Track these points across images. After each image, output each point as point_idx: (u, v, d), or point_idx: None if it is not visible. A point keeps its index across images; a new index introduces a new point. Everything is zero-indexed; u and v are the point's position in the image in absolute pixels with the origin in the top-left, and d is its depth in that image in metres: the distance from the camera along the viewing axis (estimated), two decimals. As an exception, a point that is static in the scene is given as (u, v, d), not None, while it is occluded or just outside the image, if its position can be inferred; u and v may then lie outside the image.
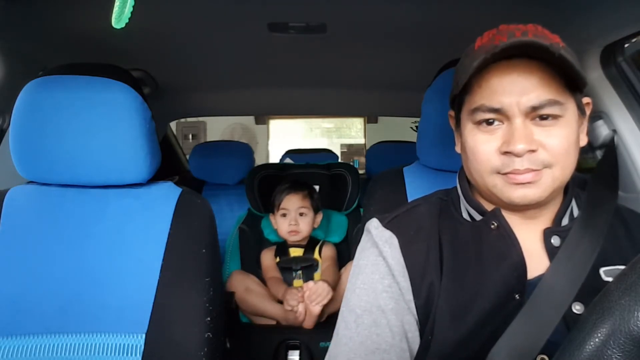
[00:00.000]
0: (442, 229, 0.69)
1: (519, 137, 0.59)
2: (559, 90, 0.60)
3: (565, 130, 0.61)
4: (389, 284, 0.65)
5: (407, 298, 0.64)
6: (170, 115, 2.17)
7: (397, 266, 0.66)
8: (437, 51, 1.11)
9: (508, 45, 0.57)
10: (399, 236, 0.68)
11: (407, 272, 0.65)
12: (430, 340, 0.63)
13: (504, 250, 0.64)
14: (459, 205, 0.72)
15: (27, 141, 0.86)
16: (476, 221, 0.69)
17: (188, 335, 0.81)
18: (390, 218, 0.72)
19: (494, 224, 0.66)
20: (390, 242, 0.68)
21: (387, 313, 0.64)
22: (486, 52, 0.58)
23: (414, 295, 0.64)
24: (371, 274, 0.67)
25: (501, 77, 0.61)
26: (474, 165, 0.65)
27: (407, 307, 0.64)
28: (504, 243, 0.64)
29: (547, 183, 0.61)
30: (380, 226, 0.70)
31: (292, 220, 1.55)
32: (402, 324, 0.63)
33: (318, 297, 1.34)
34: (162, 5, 1.02)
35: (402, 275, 0.65)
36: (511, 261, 0.63)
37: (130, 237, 0.87)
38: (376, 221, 0.72)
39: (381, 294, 0.65)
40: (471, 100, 0.64)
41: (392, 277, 0.65)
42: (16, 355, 0.78)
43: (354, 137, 5.36)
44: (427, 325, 0.63)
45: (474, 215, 0.69)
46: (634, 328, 0.37)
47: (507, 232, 0.65)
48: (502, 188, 0.62)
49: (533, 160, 0.60)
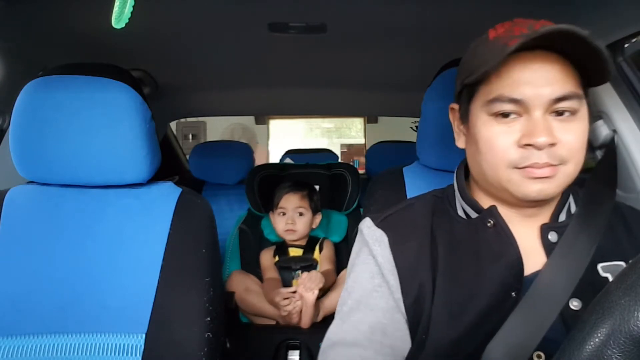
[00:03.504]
0: (436, 227, 0.69)
1: (541, 129, 0.58)
2: (578, 84, 0.60)
3: (581, 126, 0.60)
4: (378, 283, 0.66)
5: (396, 297, 0.65)
6: (170, 115, 2.16)
7: (387, 264, 0.66)
8: (437, 51, 1.11)
9: (550, 31, 0.55)
10: (390, 235, 0.68)
11: (396, 271, 0.66)
12: (424, 339, 0.62)
13: (500, 248, 0.64)
14: (455, 202, 0.72)
15: (27, 141, 0.86)
16: (472, 219, 0.69)
17: (188, 335, 0.81)
18: (382, 217, 0.72)
19: (490, 221, 0.66)
20: (381, 241, 0.68)
21: (375, 311, 0.64)
22: (524, 37, 0.55)
23: (403, 294, 0.64)
24: (361, 272, 0.68)
25: (524, 67, 0.59)
26: (488, 159, 0.62)
27: (396, 305, 0.64)
28: (500, 241, 0.64)
29: (562, 179, 0.60)
30: (372, 225, 0.71)
31: (289, 219, 1.56)
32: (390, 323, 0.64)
33: (311, 283, 1.36)
34: (162, 5, 1.02)
35: (391, 273, 0.65)
36: (508, 259, 0.63)
37: (130, 237, 0.87)
38: (369, 220, 0.72)
39: (371, 293, 0.65)
40: (488, 90, 0.62)
41: (382, 275, 0.66)
42: (16, 355, 0.78)
43: (354, 137, 5.35)
44: (420, 325, 0.63)
45: (469, 213, 0.69)
46: (634, 328, 0.37)
47: (503, 230, 0.65)
48: (518, 182, 0.61)
49: (552, 154, 0.59)
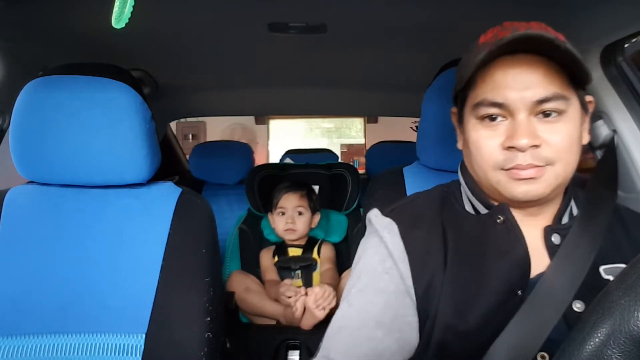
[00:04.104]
0: (445, 220, 0.69)
1: (522, 132, 0.59)
2: (563, 86, 0.61)
3: (569, 127, 0.61)
4: (389, 266, 0.66)
5: (407, 283, 0.65)
6: (170, 115, 2.16)
7: (397, 252, 0.66)
8: (437, 51, 1.11)
9: (514, 38, 0.57)
10: (399, 223, 0.69)
11: (407, 258, 0.66)
12: (432, 331, 0.63)
13: (508, 245, 0.64)
14: (461, 197, 0.73)
15: (27, 141, 0.86)
16: (481, 215, 0.69)
17: (188, 335, 0.81)
18: (390, 208, 0.72)
19: (500, 217, 0.66)
20: (390, 228, 0.68)
21: (385, 293, 0.64)
22: (491, 45, 0.59)
23: (414, 281, 0.65)
24: (372, 256, 0.68)
25: (505, 71, 0.61)
26: (477, 161, 0.65)
27: (407, 291, 0.64)
28: (509, 237, 0.65)
29: (550, 180, 0.61)
30: (379, 214, 0.71)
31: (289, 218, 1.56)
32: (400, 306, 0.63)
33: (324, 301, 1.31)
34: (162, 5, 1.02)
35: (402, 260, 0.66)
36: (515, 256, 0.63)
37: (130, 237, 0.87)
38: (376, 210, 0.73)
39: (381, 275, 0.65)
40: (474, 95, 0.64)
41: (393, 261, 0.66)
42: (16, 355, 0.78)
43: (354, 137, 5.36)
44: (430, 315, 0.63)
45: (478, 209, 0.70)
46: (634, 328, 0.37)
47: (513, 227, 0.65)
48: (505, 184, 0.62)
49: (536, 155, 0.60)
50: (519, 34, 0.57)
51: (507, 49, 0.59)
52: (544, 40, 0.57)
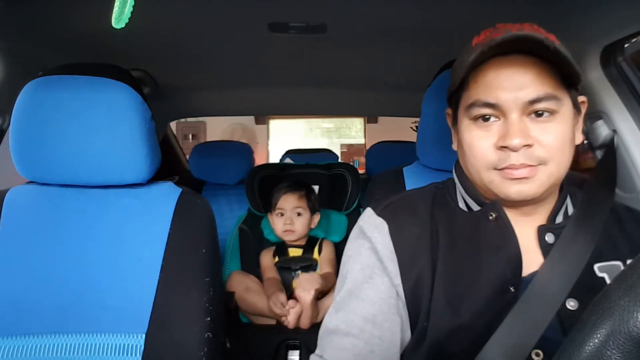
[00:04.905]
0: (437, 216, 0.70)
1: (514, 131, 0.60)
2: (555, 86, 0.61)
3: (561, 127, 0.62)
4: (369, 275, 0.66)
5: (395, 282, 0.65)
6: (170, 115, 2.17)
7: (386, 251, 0.67)
8: (437, 51, 1.11)
9: (504, 39, 0.58)
10: (390, 222, 0.69)
11: (395, 257, 0.66)
12: (426, 327, 0.63)
13: (500, 241, 0.65)
14: (455, 194, 0.73)
15: (27, 141, 0.86)
16: (473, 211, 0.70)
17: (188, 335, 0.81)
18: (383, 206, 0.73)
19: (492, 214, 0.66)
20: (380, 229, 0.69)
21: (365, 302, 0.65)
22: (483, 46, 0.59)
23: (402, 279, 0.65)
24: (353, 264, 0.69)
25: (497, 72, 0.62)
26: (471, 161, 0.66)
27: (396, 291, 0.65)
28: (501, 234, 0.65)
29: (543, 179, 0.62)
30: (373, 214, 0.72)
31: (288, 219, 1.56)
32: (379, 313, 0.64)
33: (309, 284, 1.37)
34: (162, 5, 1.02)
35: (390, 260, 0.66)
36: (507, 253, 0.64)
37: (131, 237, 0.87)
38: (370, 210, 0.73)
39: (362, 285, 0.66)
40: (467, 96, 0.65)
41: (380, 262, 0.66)
42: (16, 355, 0.78)
43: (354, 137, 5.35)
44: (421, 312, 0.64)
45: (471, 206, 0.70)
46: (633, 329, 0.37)
47: (505, 224, 0.65)
48: (498, 184, 0.63)
49: (529, 155, 0.60)
50: (510, 34, 0.58)
51: (499, 50, 0.60)
52: (535, 41, 0.58)
